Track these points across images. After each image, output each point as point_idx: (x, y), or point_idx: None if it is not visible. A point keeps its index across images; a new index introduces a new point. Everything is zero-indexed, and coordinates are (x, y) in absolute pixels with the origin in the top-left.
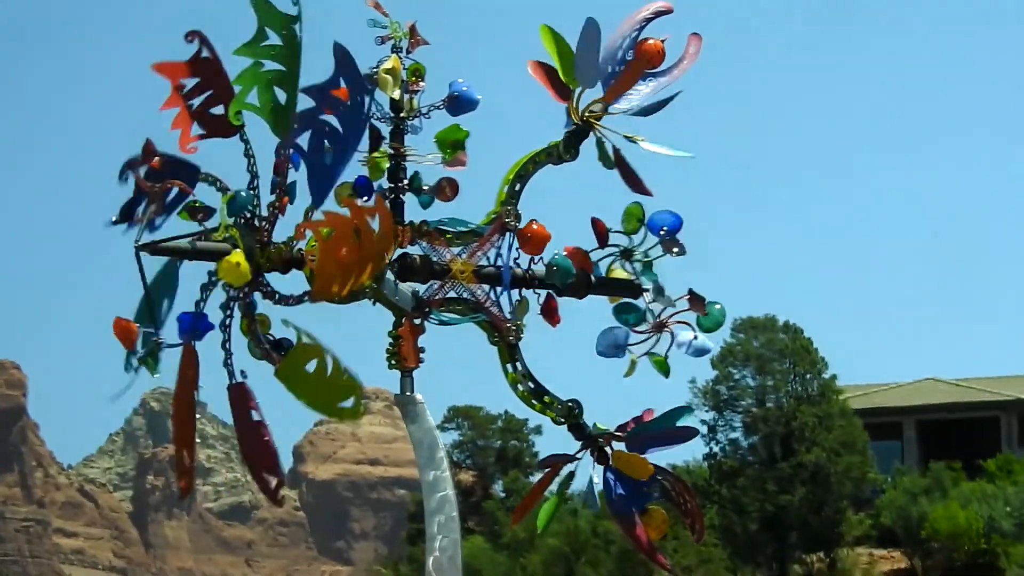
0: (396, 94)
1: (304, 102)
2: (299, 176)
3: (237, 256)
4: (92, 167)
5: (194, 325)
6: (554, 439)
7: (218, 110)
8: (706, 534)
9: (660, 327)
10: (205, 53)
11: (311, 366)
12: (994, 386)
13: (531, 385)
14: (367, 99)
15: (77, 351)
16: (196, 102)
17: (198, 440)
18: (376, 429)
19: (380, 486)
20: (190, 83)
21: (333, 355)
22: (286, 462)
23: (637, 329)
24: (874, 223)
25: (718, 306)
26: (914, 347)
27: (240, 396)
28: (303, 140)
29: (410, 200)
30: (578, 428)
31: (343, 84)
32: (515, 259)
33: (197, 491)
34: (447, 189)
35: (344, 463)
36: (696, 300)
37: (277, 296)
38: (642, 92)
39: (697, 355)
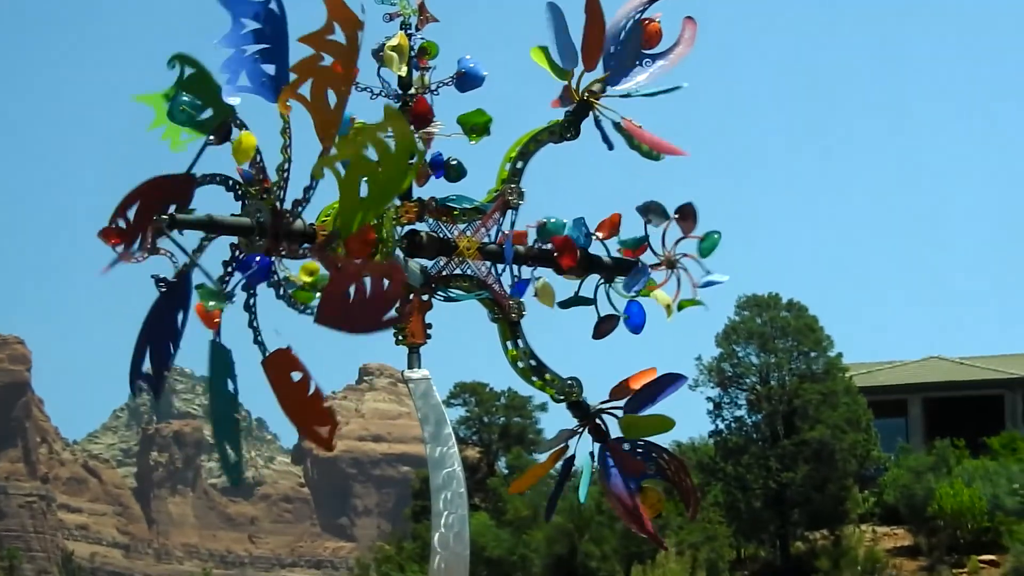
0: (403, 71)
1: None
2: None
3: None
4: (92, 140)
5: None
6: (558, 417)
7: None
8: (711, 511)
9: (671, 263)
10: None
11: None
12: (999, 364)
13: (532, 362)
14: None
15: (81, 326)
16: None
17: (200, 414)
18: (380, 405)
19: (384, 463)
20: None
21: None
22: (290, 439)
23: (653, 267)
24: (877, 201)
25: (716, 235)
26: (918, 326)
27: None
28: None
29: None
30: (577, 406)
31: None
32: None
33: (201, 467)
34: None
35: (348, 439)
36: (687, 216)
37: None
38: (641, 75)
39: (709, 285)
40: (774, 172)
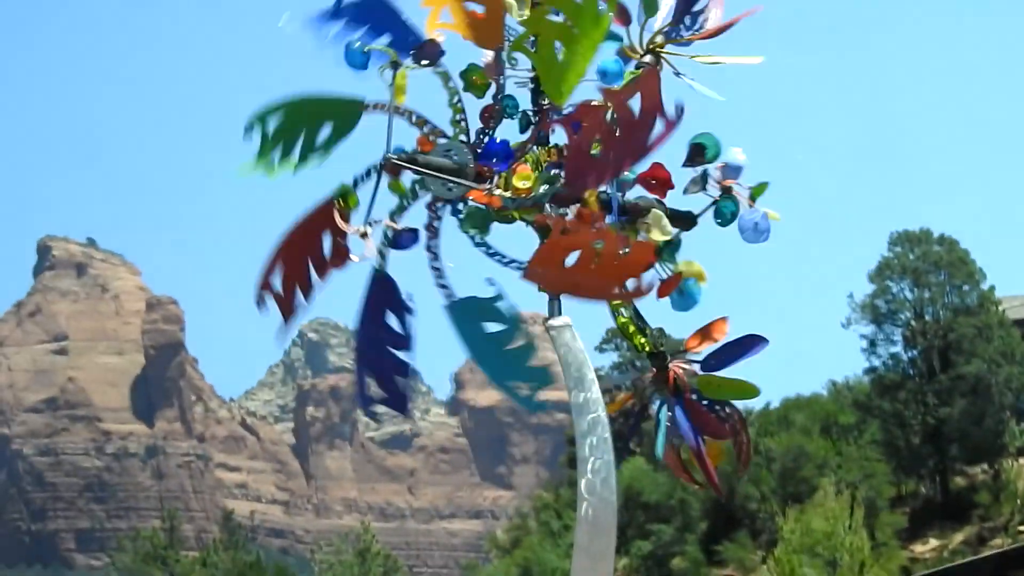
0: (525, 15)
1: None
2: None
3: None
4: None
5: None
6: None
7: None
8: (868, 449)
9: (727, 190)
10: None
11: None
12: None
13: (632, 312)
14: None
15: (234, 284)
16: None
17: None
18: None
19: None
20: None
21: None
22: (447, 389)
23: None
24: None
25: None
26: None
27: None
28: None
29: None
30: (659, 356)
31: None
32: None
33: (358, 421)
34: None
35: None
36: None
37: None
38: (687, 33)
39: (757, 237)
40: (919, 104)
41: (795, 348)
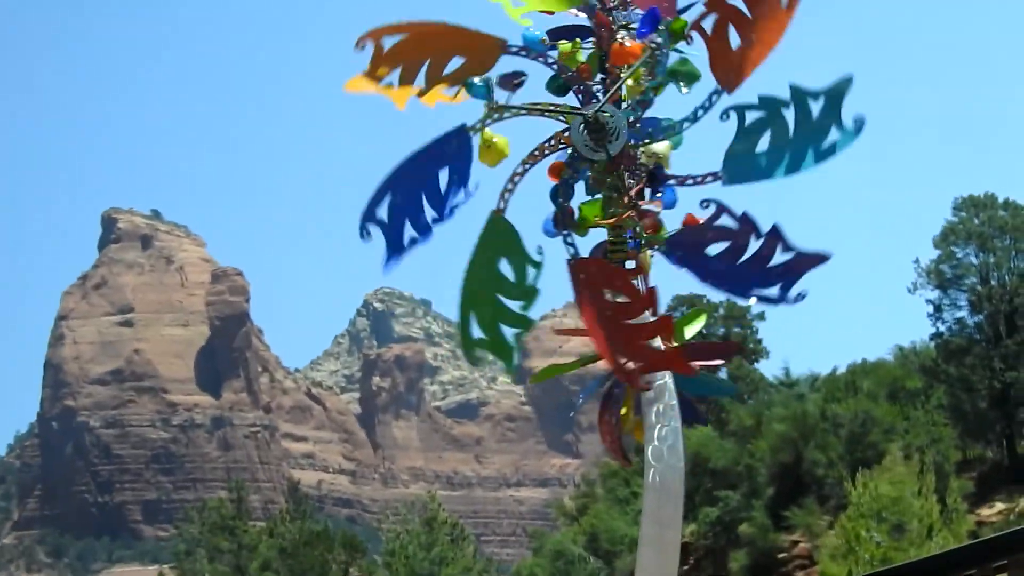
0: None
1: None
2: None
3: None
4: (331, 72)
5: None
6: (776, 326)
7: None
8: (935, 414)
9: None
10: None
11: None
12: None
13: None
14: None
15: (298, 255)
16: None
17: (422, 337)
18: None
19: (607, 378)
20: None
21: None
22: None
23: None
24: None
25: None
26: None
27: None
28: None
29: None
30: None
31: None
32: None
33: (424, 390)
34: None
35: (570, 356)
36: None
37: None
38: None
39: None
40: (984, 69)
41: (861, 314)
